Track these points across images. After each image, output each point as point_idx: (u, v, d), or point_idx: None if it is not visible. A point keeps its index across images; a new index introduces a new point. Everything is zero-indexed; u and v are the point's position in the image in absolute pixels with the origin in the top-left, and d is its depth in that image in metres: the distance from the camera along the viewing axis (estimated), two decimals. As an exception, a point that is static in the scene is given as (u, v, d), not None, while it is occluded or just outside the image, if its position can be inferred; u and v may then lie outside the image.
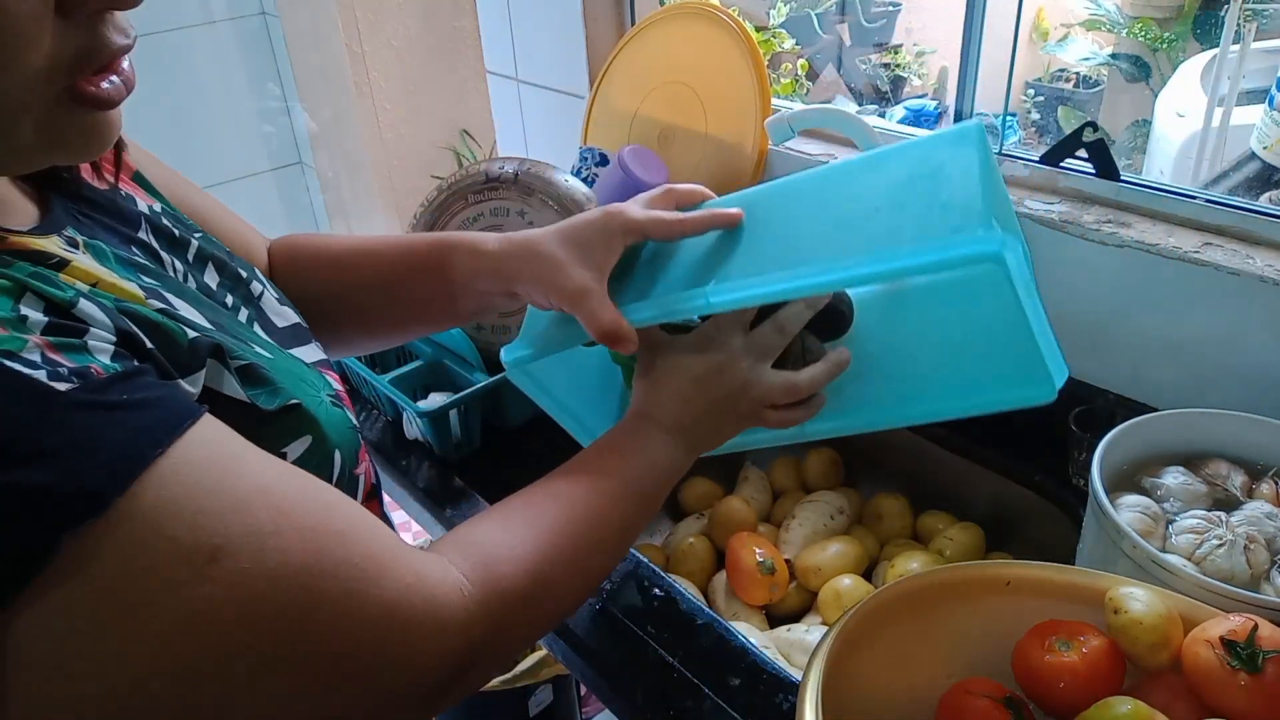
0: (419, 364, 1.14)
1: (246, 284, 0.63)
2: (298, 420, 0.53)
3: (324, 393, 0.57)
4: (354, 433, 0.58)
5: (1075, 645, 0.59)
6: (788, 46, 2.74)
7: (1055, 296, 1.00)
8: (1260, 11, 1.88)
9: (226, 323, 0.54)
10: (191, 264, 0.59)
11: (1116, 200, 0.98)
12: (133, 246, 0.54)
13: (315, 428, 0.53)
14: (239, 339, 0.53)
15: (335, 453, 0.55)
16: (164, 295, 0.50)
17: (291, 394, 0.52)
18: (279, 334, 0.63)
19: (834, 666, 0.57)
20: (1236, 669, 0.55)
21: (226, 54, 2.09)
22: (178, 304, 0.51)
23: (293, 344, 0.63)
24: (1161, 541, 0.72)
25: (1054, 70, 2.79)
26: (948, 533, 1.01)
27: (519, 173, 1.12)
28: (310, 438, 0.53)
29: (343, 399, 0.60)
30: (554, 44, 1.51)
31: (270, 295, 0.65)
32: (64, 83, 0.43)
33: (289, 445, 0.52)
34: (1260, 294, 0.85)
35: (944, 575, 0.64)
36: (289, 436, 0.52)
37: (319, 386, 0.57)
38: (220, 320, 0.54)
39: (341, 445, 0.56)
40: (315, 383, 0.57)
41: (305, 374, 0.57)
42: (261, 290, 0.64)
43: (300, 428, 0.53)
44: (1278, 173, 1.16)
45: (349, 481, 0.56)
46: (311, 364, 0.60)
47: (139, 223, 0.57)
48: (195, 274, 0.59)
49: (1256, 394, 0.88)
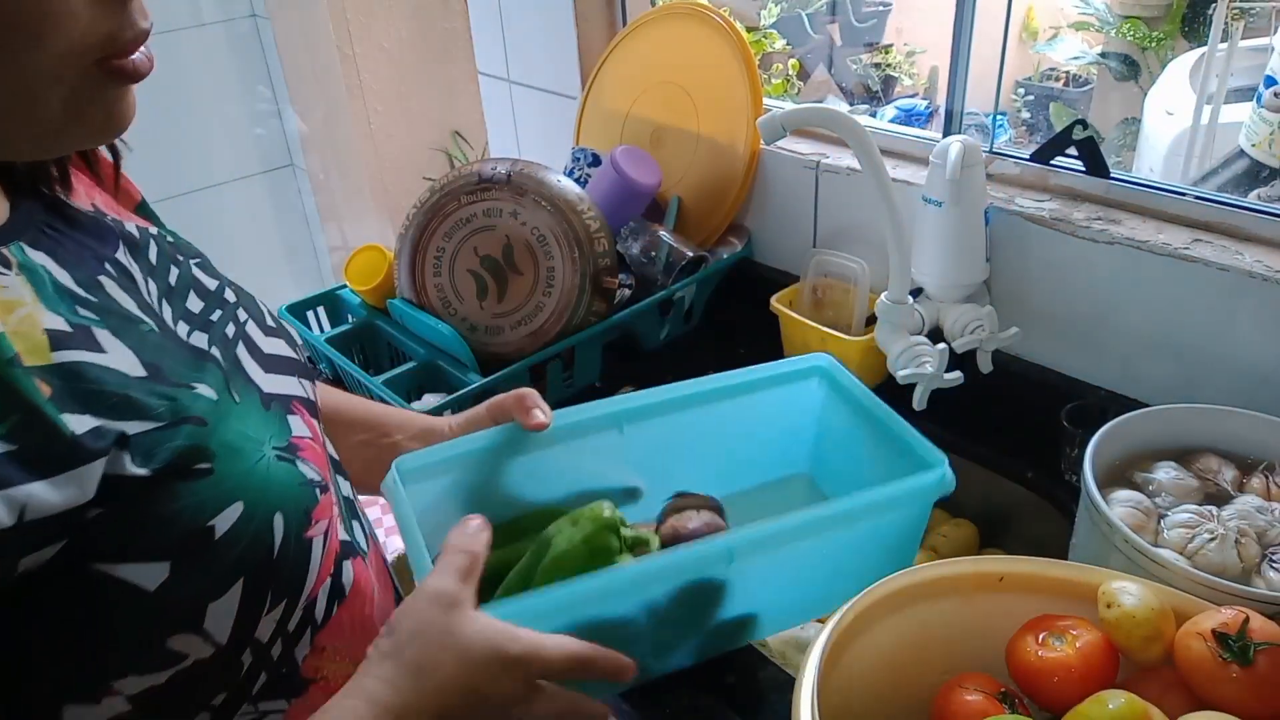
0: (413, 365, 1.14)
1: (233, 309, 0.62)
2: (220, 486, 0.49)
3: (271, 445, 0.53)
4: (306, 490, 0.54)
5: (1068, 640, 0.60)
6: (779, 46, 2.75)
7: (1046, 293, 1.01)
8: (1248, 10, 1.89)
9: (170, 366, 0.51)
10: (174, 288, 0.58)
11: (1106, 197, 0.99)
12: (106, 264, 0.53)
13: (247, 491, 0.50)
14: (180, 384, 0.50)
15: (275, 518, 0.51)
16: (93, 335, 0.48)
17: (215, 451, 0.49)
18: (261, 358, 0.60)
19: (829, 663, 0.57)
20: (1228, 662, 0.55)
21: (217, 56, 2.09)
22: (110, 344, 0.48)
23: (276, 371, 0.60)
24: (1153, 536, 0.73)
25: (1044, 69, 2.80)
26: (941, 529, 1.02)
27: (511, 173, 1.12)
28: (241, 504, 0.49)
29: (299, 450, 0.56)
30: (546, 45, 1.51)
31: (256, 326, 0.63)
32: (93, 58, 0.45)
33: (217, 516, 0.48)
34: (1249, 289, 0.86)
35: (938, 571, 0.64)
36: (213, 505, 0.48)
37: (264, 439, 0.53)
38: (162, 363, 0.50)
39: (285, 508, 0.52)
40: (260, 434, 0.53)
41: (252, 424, 0.53)
42: (246, 319, 0.62)
43: (226, 494, 0.49)
44: (1266, 169, 1.17)
45: (297, 548, 0.53)
46: (277, 404, 0.57)
47: (116, 243, 0.55)
48: (176, 300, 0.57)
49: (1247, 389, 0.88)
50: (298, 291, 1.30)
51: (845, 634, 0.60)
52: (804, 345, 1.13)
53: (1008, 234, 1.01)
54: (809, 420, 0.84)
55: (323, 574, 0.56)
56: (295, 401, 0.60)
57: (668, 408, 0.77)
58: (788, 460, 0.85)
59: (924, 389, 1.00)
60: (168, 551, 0.47)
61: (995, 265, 1.03)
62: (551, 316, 1.11)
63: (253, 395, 0.56)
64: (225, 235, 2.21)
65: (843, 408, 0.79)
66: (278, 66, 2.11)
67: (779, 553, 0.66)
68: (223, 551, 0.49)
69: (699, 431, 0.77)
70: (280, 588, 0.53)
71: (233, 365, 0.57)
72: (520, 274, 1.12)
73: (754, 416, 0.80)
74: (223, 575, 0.49)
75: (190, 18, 2.03)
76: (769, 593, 0.71)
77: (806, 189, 1.20)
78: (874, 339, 1.04)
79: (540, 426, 0.68)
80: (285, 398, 0.59)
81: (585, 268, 1.10)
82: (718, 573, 0.65)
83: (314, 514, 0.55)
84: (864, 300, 1.12)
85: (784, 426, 0.83)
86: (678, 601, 0.66)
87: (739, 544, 0.64)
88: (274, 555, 0.51)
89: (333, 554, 0.57)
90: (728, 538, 0.64)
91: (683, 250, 1.20)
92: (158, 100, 2.02)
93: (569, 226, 1.10)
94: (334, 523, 0.58)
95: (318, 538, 0.55)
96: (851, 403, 0.78)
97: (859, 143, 0.93)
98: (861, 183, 1.13)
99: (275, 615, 0.53)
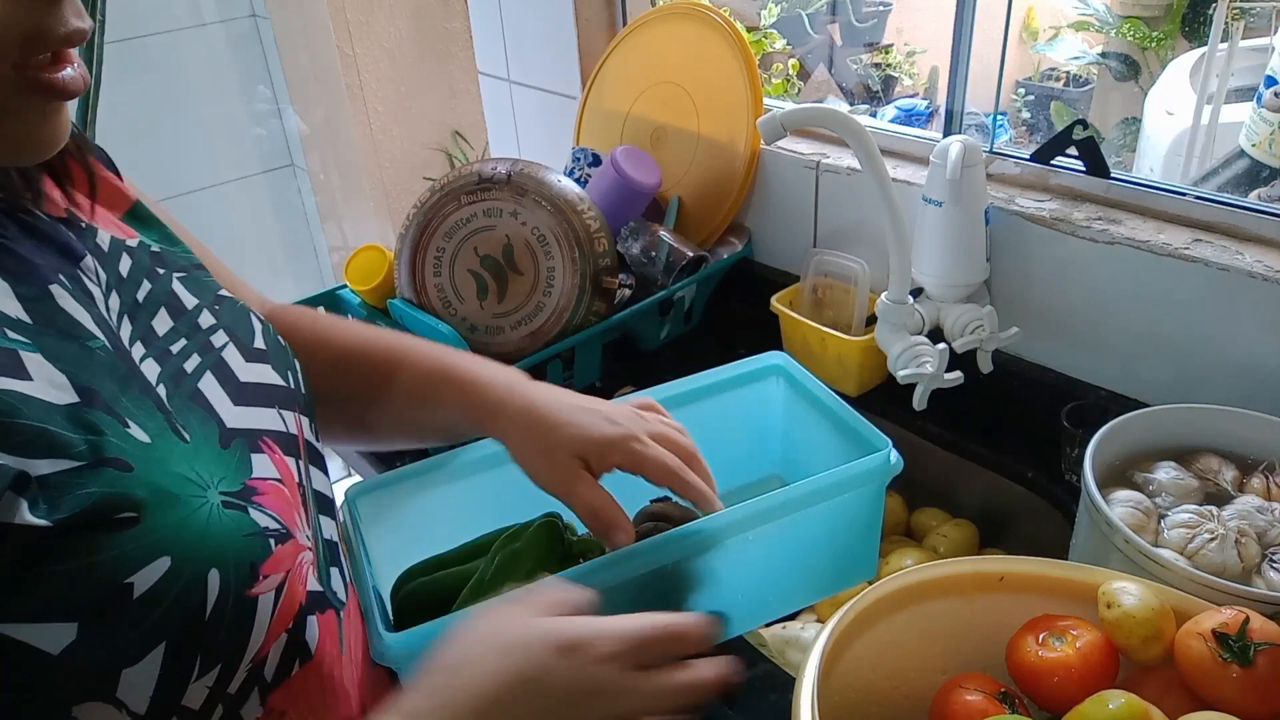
0: (412, 365, 1.14)
1: (207, 334, 0.56)
2: (145, 538, 0.43)
3: (219, 489, 0.47)
4: (255, 541, 0.48)
5: (1069, 640, 0.60)
6: (779, 46, 2.75)
7: (1046, 293, 1.01)
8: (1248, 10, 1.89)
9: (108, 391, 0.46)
10: (140, 304, 0.53)
11: (1107, 197, 0.99)
12: (61, 275, 0.48)
13: (178, 545, 0.44)
14: (114, 414, 0.45)
15: (210, 574, 0.45)
16: (19, 359, 0.43)
17: (142, 499, 0.43)
18: (236, 388, 0.55)
19: (829, 663, 0.57)
20: (1229, 662, 0.55)
21: (217, 56, 2.09)
22: (38, 369, 0.43)
23: (252, 402, 0.55)
24: (1154, 536, 0.73)
25: (1044, 69, 2.80)
26: (941, 529, 1.02)
27: (512, 173, 1.12)
28: (169, 559, 0.43)
29: (256, 494, 0.50)
30: (546, 44, 1.51)
31: (237, 350, 0.57)
32: (10, 60, 0.39)
33: (137, 573, 0.42)
34: (1249, 289, 0.86)
35: (938, 571, 0.64)
36: (134, 559, 0.42)
37: (209, 483, 0.47)
38: (99, 387, 0.45)
39: (224, 562, 0.45)
40: (205, 477, 0.47)
41: (198, 466, 0.47)
42: (225, 343, 0.57)
43: (151, 547, 0.43)
44: (1266, 169, 1.17)
45: (236, 607, 0.46)
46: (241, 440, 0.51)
47: (81, 253, 0.51)
48: (141, 317, 0.53)
49: (1247, 389, 0.88)
50: (298, 291, 1.30)
51: (845, 634, 0.60)
52: (804, 345, 1.13)
53: (1008, 234, 1.01)
54: (774, 420, 0.85)
55: (274, 631, 0.49)
56: (266, 438, 0.54)
57: None
58: (759, 462, 0.86)
59: (924, 389, 1.00)
60: (75, 611, 0.41)
61: (995, 265, 1.03)
62: (551, 316, 1.11)
63: (210, 432, 0.50)
64: (225, 235, 2.21)
65: (802, 404, 0.81)
66: (278, 66, 2.11)
67: (739, 546, 0.67)
68: (141, 612, 0.43)
69: None
70: (213, 651, 0.46)
71: (186, 400, 0.51)
72: (520, 274, 1.12)
73: (720, 420, 0.81)
74: (140, 638, 0.43)
75: (190, 18, 2.03)
76: (735, 589, 0.71)
77: (807, 189, 1.20)
78: (874, 339, 1.05)
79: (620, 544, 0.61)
80: (253, 433, 0.53)
81: (585, 268, 1.10)
82: (682, 571, 0.65)
83: (262, 568, 0.48)
84: (864, 300, 1.12)
85: (751, 428, 0.84)
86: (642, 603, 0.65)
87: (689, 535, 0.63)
88: (205, 616, 0.45)
89: (292, 609, 0.50)
90: (677, 531, 0.64)
91: (683, 250, 1.20)
92: (158, 100, 2.03)
93: (569, 226, 1.10)
94: (298, 573, 0.51)
95: (266, 594, 0.48)
96: (809, 398, 0.79)
97: (859, 142, 0.93)
98: (862, 183, 1.13)
99: (208, 681, 0.46)
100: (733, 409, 0.83)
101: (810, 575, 0.75)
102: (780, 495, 0.67)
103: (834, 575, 0.76)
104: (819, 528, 0.71)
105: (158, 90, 2.02)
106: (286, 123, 2.22)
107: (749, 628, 0.76)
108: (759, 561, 0.70)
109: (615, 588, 0.61)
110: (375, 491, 0.71)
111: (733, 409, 0.83)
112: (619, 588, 0.61)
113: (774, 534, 0.68)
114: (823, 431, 0.77)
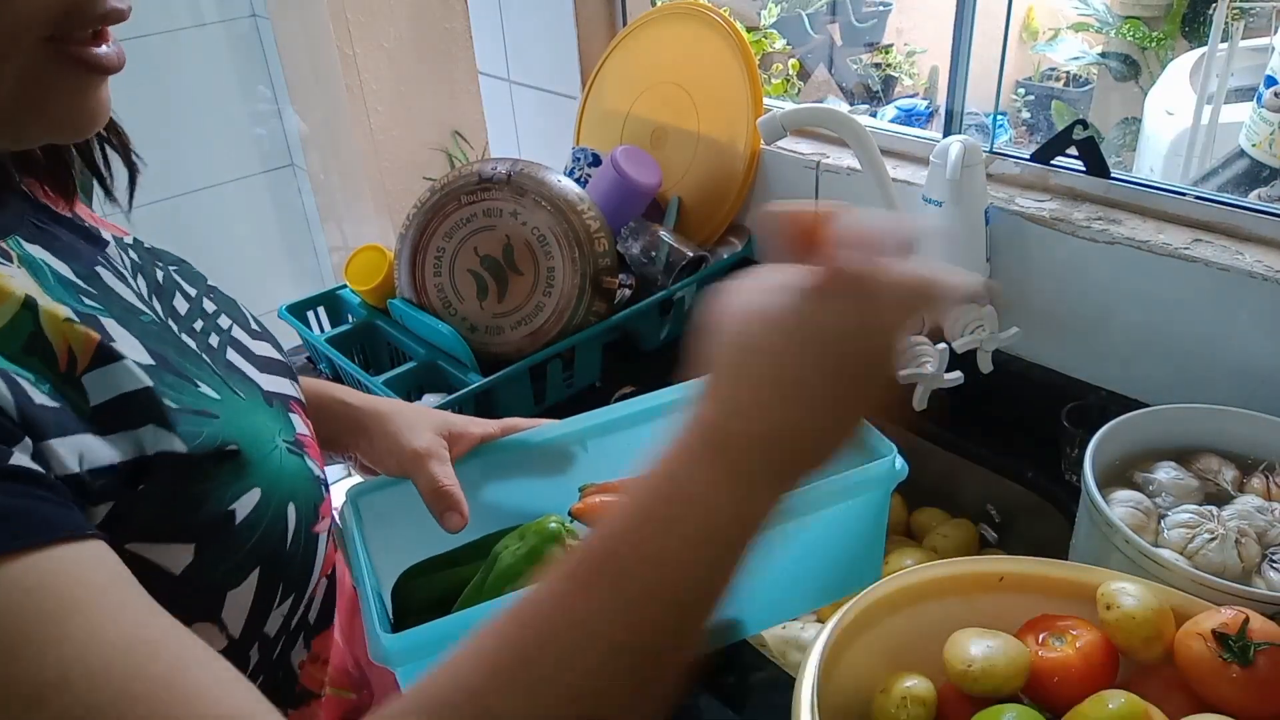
0: (413, 365, 1.14)
1: (214, 318, 0.60)
2: (242, 470, 0.48)
3: (280, 437, 0.52)
4: (314, 484, 0.53)
5: (1069, 640, 0.60)
6: (779, 46, 2.75)
7: (1046, 293, 1.01)
8: (1248, 10, 1.89)
9: (173, 357, 0.50)
10: (162, 286, 0.57)
11: (1107, 197, 0.98)
12: (96, 266, 0.51)
13: (264, 478, 0.49)
14: (184, 377, 0.49)
15: (289, 507, 0.50)
16: (100, 323, 0.46)
17: (234, 439, 0.48)
18: (256, 361, 0.59)
19: (829, 663, 0.57)
20: (1229, 662, 0.55)
21: (217, 56, 2.09)
22: (118, 333, 0.47)
23: (271, 371, 0.60)
24: (1154, 536, 0.73)
25: (1044, 69, 2.80)
26: (941, 529, 1.02)
27: (512, 173, 1.12)
28: (259, 490, 0.49)
29: (305, 446, 0.55)
30: (546, 45, 1.51)
31: (242, 330, 0.61)
32: (45, 33, 0.40)
33: (237, 500, 0.47)
34: (1249, 289, 0.85)
35: (938, 571, 0.64)
36: (234, 489, 0.47)
37: (274, 431, 0.52)
38: (166, 354, 0.49)
39: (297, 498, 0.51)
40: (270, 426, 0.52)
41: (261, 417, 0.52)
42: (230, 325, 0.61)
43: (246, 478, 0.48)
44: (1266, 169, 1.17)
45: (307, 541, 0.52)
46: (278, 401, 0.56)
47: (103, 244, 0.54)
48: (164, 299, 0.56)
49: (1247, 389, 0.88)
50: (298, 291, 1.30)
51: (845, 634, 0.60)
52: (804, 345, 1.12)
53: (1008, 234, 1.01)
54: None
55: (324, 569, 0.55)
56: (293, 401, 0.59)
57: (631, 421, 0.78)
58: None
59: (924, 389, 0.99)
60: (192, 533, 0.46)
61: (995, 265, 1.03)
62: (551, 316, 1.11)
63: (255, 392, 0.55)
64: (225, 235, 2.21)
65: None
66: (278, 66, 2.11)
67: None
68: (242, 538, 0.48)
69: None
70: (290, 580, 0.51)
71: (226, 366, 0.56)
72: (520, 274, 1.12)
73: None
74: (241, 563, 0.48)
75: (190, 18, 2.03)
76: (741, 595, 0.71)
77: (807, 189, 1.20)
78: (874, 339, 1.04)
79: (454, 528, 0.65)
80: (284, 397, 0.58)
81: (585, 268, 1.10)
82: None
83: (321, 509, 0.54)
84: (864, 300, 1.12)
85: None
86: None
87: None
88: (286, 546, 0.50)
89: (332, 554, 0.56)
90: None
91: (683, 250, 1.20)
92: (158, 100, 2.03)
93: (569, 226, 1.10)
94: (333, 521, 0.58)
95: (323, 534, 0.54)
96: None
97: (859, 143, 0.93)
98: (862, 183, 1.13)
99: (283, 610, 0.52)
100: None
101: (816, 582, 0.75)
102: (785, 502, 0.67)
103: (839, 581, 0.76)
104: (824, 534, 0.71)
105: (157, 90, 2.02)
106: (286, 123, 2.22)
107: (753, 633, 0.76)
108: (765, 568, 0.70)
109: None
110: (375, 492, 0.71)
111: None
112: None
113: (779, 541, 0.68)
114: None
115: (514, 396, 1.10)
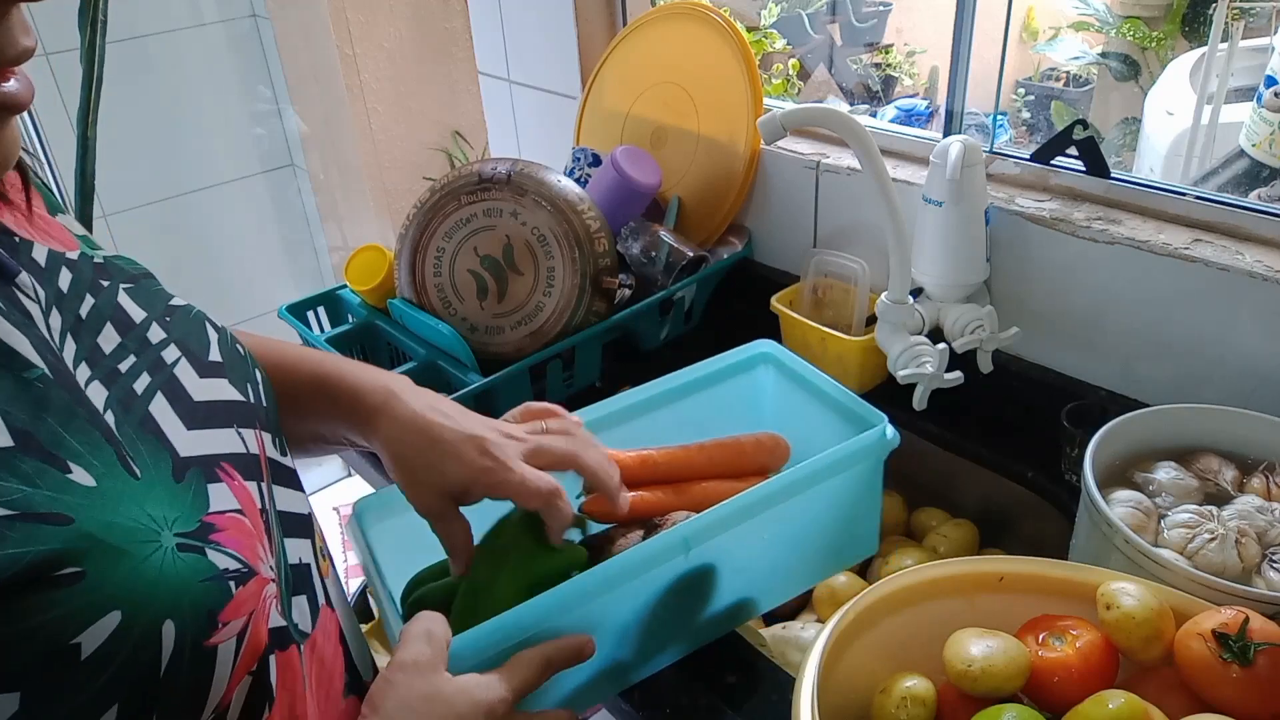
0: (413, 365, 1.14)
1: (157, 350, 0.52)
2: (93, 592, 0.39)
3: (173, 530, 0.43)
4: (213, 585, 0.44)
5: (1068, 640, 0.60)
6: (779, 46, 2.75)
7: (1046, 293, 1.01)
8: (1248, 10, 1.89)
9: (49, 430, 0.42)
10: (84, 321, 0.49)
11: (1107, 197, 0.99)
12: None
13: (127, 597, 0.40)
14: (53, 459, 0.41)
15: (164, 627, 0.41)
16: None
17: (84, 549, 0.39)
18: (189, 409, 0.51)
19: (829, 663, 0.57)
20: (1229, 662, 0.55)
21: (217, 56, 2.09)
22: None
23: (207, 424, 0.51)
24: (1154, 536, 0.73)
25: (1044, 69, 2.80)
26: (941, 529, 1.02)
27: (512, 173, 1.12)
28: (119, 614, 0.40)
29: (212, 533, 0.45)
30: (546, 44, 1.51)
31: (190, 365, 0.53)
32: None
33: (84, 631, 0.39)
34: (1249, 289, 0.86)
35: (938, 571, 0.64)
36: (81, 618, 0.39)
37: (164, 523, 0.43)
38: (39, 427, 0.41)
39: (179, 613, 0.42)
40: (160, 517, 0.43)
41: (150, 507, 0.43)
42: (178, 358, 0.53)
43: (99, 602, 0.39)
44: (1266, 169, 1.17)
45: (194, 659, 0.42)
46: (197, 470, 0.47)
47: (16, 272, 0.47)
48: (85, 335, 0.49)
49: (1247, 389, 0.88)
50: (298, 291, 1.31)
51: (845, 634, 0.60)
52: (804, 345, 1.13)
53: (1008, 234, 1.01)
54: (768, 408, 0.85)
55: (236, 678, 0.46)
56: (224, 463, 0.50)
57: (631, 412, 0.79)
58: None
59: (924, 389, 1.00)
60: (17, 679, 0.37)
61: (995, 265, 1.03)
62: (551, 316, 1.11)
63: (162, 465, 0.46)
64: (225, 235, 2.21)
65: (794, 388, 0.82)
66: (278, 66, 2.11)
67: (745, 531, 0.68)
68: (91, 675, 0.39)
69: (664, 432, 0.78)
70: (170, 709, 0.42)
71: (137, 428, 0.47)
72: (520, 274, 1.12)
73: (714, 412, 0.82)
74: (90, 703, 0.39)
75: (190, 18, 2.03)
76: (745, 573, 0.73)
77: (807, 189, 1.20)
78: (874, 339, 1.05)
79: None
80: (210, 460, 0.49)
81: (585, 268, 1.10)
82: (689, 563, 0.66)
83: (222, 615, 0.44)
84: (864, 300, 1.12)
85: (745, 417, 0.84)
86: (656, 598, 0.66)
87: (694, 531, 0.65)
88: (161, 672, 0.41)
89: (256, 652, 0.47)
90: (682, 528, 0.65)
91: (683, 250, 1.20)
92: (158, 100, 2.03)
93: (569, 226, 1.10)
94: (261, 613, 0.48)
95: (226, 642, 0.44)
96: (800, 382, 0.81)
97: (859, 142, 0.93)
98: (862, 183, 1.13)
99: None
100: (725, 399, 0.83)
101: (817, 554, 0.77)
102: (782, 479, 0.68)
103: (837, 553, 0.78)
104: (821, 507, 0.72)
105: (158, 90, 2.02)
106: (286, 123, 2.22)
107: (764, 610, 0.78)
108: (765, 545, 0.71)
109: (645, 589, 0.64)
110: (381, 502, 0.72)
111: (725, 399, 0.83)
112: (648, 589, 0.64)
113: (778, 517, 0.69)
114: (817, 413, 0.79)
115: (514, 396, 1.10)
